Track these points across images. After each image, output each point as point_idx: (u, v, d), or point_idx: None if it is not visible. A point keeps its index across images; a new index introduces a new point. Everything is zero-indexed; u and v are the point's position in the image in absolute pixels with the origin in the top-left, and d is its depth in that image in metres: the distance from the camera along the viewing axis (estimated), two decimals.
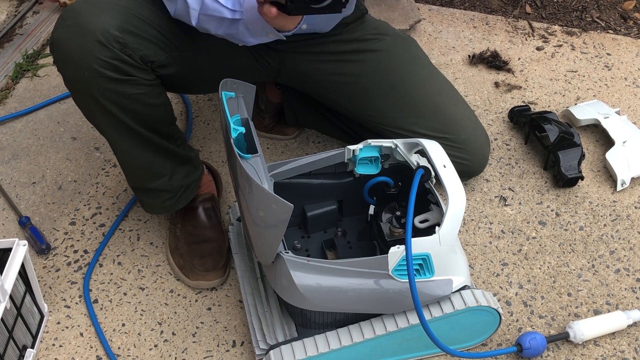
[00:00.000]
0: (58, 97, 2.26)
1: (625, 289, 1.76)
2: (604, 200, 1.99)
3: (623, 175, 2.01)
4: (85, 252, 1.81)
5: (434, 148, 1.50)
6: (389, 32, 1.86)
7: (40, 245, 1.78)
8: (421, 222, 1.53)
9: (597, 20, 2.75)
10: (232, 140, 1.31)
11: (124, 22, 1.45)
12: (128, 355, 1.62)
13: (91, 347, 1.63)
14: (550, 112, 2.15)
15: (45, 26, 2.56)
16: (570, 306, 1.72)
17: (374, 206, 1.64)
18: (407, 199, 1.38)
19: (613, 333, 1.65)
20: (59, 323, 1.68)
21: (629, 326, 1.66)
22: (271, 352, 1.46)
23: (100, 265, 1.79)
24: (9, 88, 2.30)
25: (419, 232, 1.51)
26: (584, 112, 2.19)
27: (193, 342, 1.65)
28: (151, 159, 1.61)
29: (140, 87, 1.48)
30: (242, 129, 1.35)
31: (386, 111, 1.79)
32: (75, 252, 1.81)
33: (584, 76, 2.45)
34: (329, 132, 2.10)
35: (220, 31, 1.48)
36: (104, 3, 1.47)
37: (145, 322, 1.69)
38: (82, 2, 1.47)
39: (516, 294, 1.74)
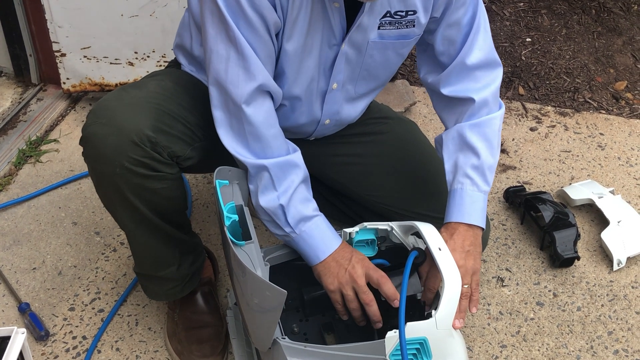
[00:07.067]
0: (60, 182, 2.29)
1: None
2: (601, 280, 1.99)
3: (619, 254, 2.02)
4: (84, 338, 1.81)
5: (429, 231, 1.50)
6: (391, 115, 1.92)
7: (39, 332, 1.78)
8: None
9: (589, 100, 2.81)
10: (225, 228, 1.33)
11: (157, 121, 1.47)
12: None
13: None
14: (545, 192, 2.18)
15: (49, 113, 2.61)
16: None
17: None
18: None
19: None
20: None
21: None
22: None
23: (99, 352, 1.78)
24: (11, 174, 2.33)
25: (416, 317, 1.51)
26: (578, 192, 2.22)
27: None
28: (162, 249, 1.63)
29: (165, 181, 1.50)
30: (236, 217, 1.37)
31: (388, 191, 1.82)
32: (74, 338, 1.81)
33: (577, 156, 2.49)
34: (327, 212, 2.10)
35: (261, 215, 1.52)
36: (137, 101, 1.48)
37: None
38: (116, 99, 1.49)
39: None
